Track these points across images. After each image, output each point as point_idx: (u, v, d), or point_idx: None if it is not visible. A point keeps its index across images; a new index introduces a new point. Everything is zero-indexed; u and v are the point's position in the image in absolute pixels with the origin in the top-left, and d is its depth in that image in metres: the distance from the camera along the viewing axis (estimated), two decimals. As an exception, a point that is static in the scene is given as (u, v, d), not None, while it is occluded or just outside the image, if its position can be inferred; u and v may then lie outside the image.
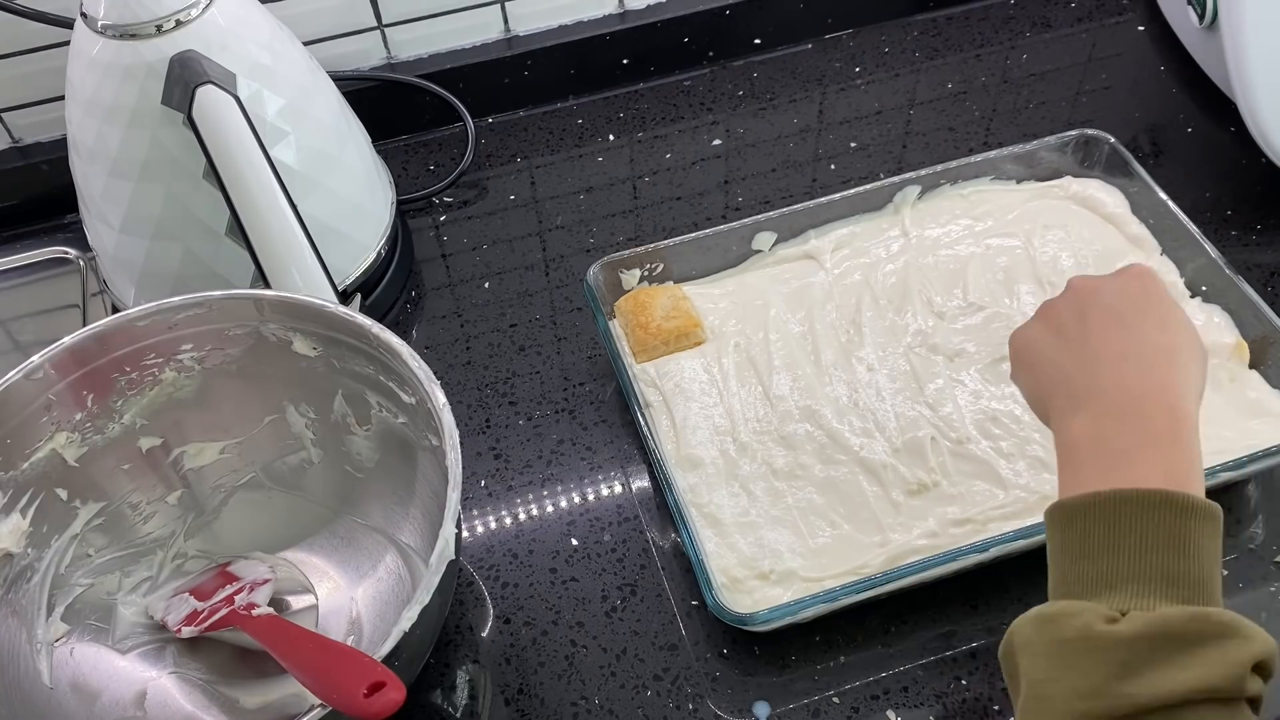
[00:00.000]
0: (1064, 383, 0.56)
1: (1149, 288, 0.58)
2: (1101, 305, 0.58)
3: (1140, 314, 0.57)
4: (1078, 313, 0.58)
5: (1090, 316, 0.57)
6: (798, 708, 0.65)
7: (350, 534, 0.72)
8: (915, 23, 1.05)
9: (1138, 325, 0.56)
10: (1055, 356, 0.57)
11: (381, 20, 0.94)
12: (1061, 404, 0.55)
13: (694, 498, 0.70)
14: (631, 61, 1.01)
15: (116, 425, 0.67)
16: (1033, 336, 0.60)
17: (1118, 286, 0.59)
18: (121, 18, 0.69)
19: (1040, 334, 0.60)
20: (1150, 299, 0.58)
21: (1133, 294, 0.58)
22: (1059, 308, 0.60)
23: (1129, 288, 0.59)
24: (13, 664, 0.63)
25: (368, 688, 0.50)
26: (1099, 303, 0.58)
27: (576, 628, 0.69)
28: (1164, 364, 0.54)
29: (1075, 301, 0.59)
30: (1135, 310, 0.57)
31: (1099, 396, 0.53)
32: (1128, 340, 0.55)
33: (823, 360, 0.76)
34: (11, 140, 0.93)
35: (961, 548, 0.65)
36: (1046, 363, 0.58)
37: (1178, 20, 0.98)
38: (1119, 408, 0.52)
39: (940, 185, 0.85)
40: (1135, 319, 0.56)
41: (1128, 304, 0.57)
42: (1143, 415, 0.52)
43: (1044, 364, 0.58)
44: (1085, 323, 0.57)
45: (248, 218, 0.70)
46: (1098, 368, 0.55)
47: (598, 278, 0.79)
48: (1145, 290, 0.58)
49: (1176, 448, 0.50)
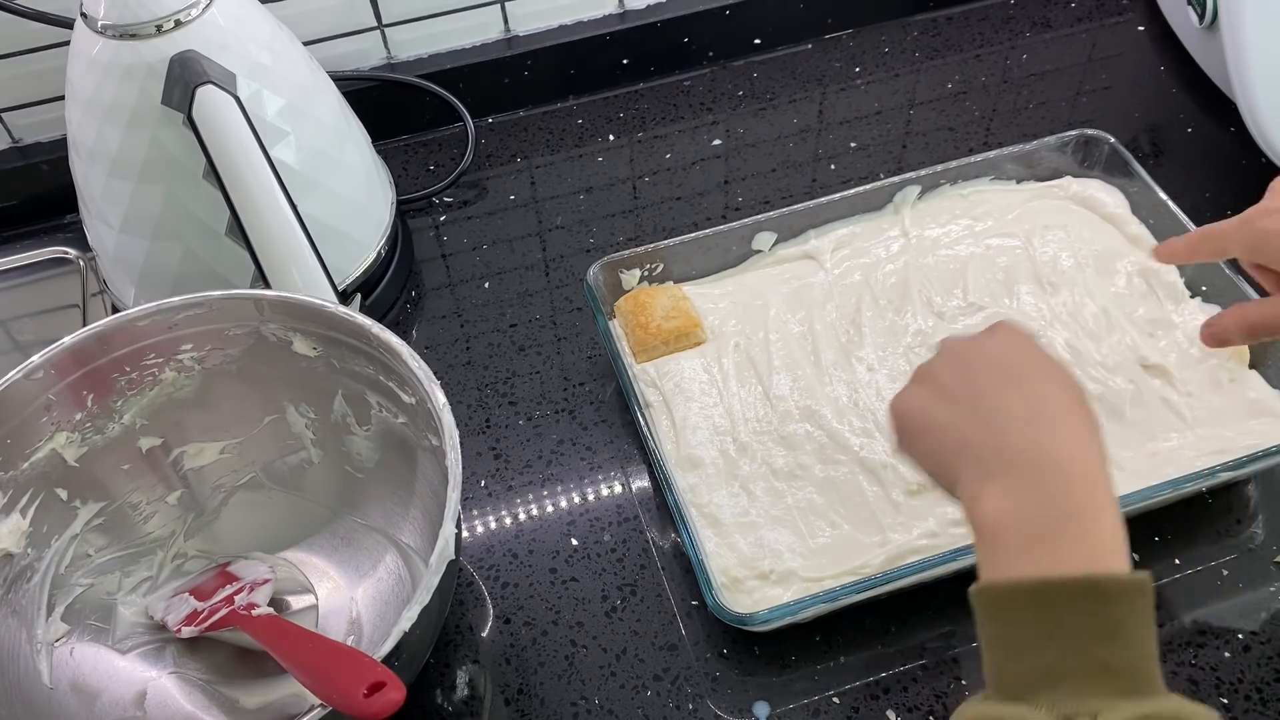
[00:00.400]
0: (967, 449, 0.51)
1: (1029, 345, 0.55)
2: (988, 363, 0.54)
3: (1033, 370, 0.53)
4: (962, 374, 0.54)
5: (977, 376, 0.53)
6: (798, 708, 0.65)
7: (350, 534, 0.72)
8: (915, 23, 1.05)
9: (1034, 382, 0.52)
10: (951, 421, 0.53)
11: (381, 20, 0.95)
12: (968, 473, 0.51)
13: (694, 498, 0.70)
14: (631, 61, 1.01)
15: (116, 425, 0.67)
16: (917, 403, 0.55)
17: (1000, 344, 0.55)
18: (121, 18, 0.69)
19: (925, 399, 0.55)
20: (1028, 352, 0.54)
21: (1018, 350, 0.54)
22: (938, 370, 0.56)
23: (1011, 345, 0.55)
24: (13, 664, 0.63)
25: (367, 688, 0.50)
26: (984, 361, 0.54)
27: (576, 628, 0.69)
28: (1072, 424, 0.50)
29: (956, 362, 0.55)
30: (1027, 367, 0.53)
31: (1010, 463, 0.49)
32: (1027, 400, 0.51)
33: (823, 360, 0.76)
34: (11, 140, 0.93)
35: (961, 548, 0.65)
36: (942, 429, 0.53)
37: (1178, 20, 0.98)
38: (1034, 478, 0.49)
39: (940, 185, 0.85)
40: (1030, 376, 0.52)
41: (1017, 360, 0.54)
42: (1060, 485, 0.48)
43: (938, 430, 0.53)
44: (973, 383, 0.53)
45: (248, 218, 0.70)
46: (1004, 430, 0.50)
47: (598, 278, 0.79)
48: (1021, 344, 0.55)
49: (1099, 519, 0.48)
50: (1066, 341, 0.75)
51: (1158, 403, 0.72)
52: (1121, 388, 0.72)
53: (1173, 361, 0.74)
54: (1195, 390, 0.73)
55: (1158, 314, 0.77)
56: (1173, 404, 0.72)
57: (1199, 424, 0.71)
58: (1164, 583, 0.68)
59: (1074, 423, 0.50)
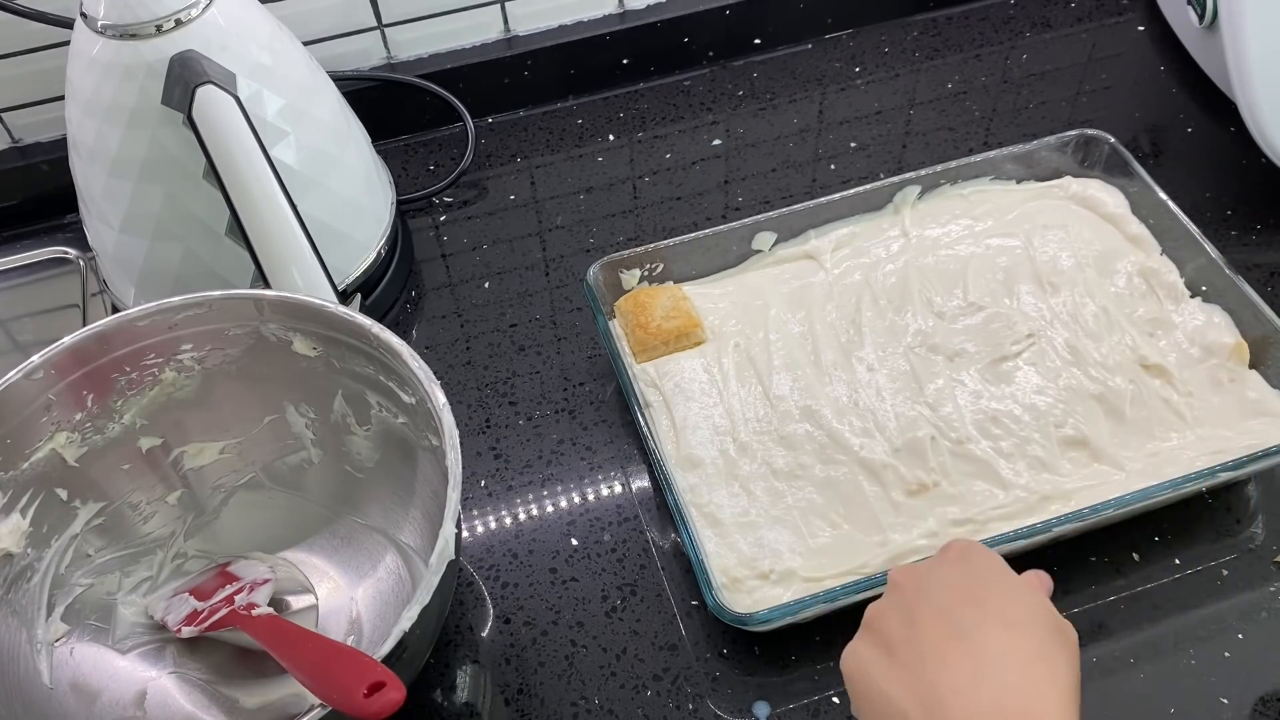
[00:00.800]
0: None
1: (978, 569, 0.50)
2: (931, 608, 0.49)
3: (978, 614, 0.48)
4: (906, 627, 0.49)
5: (922, 631, 0.48)
6: (798, 708, 0.65)
7: (350, 534, 0.72)
8: (915, 23, 1.05)
9: (978, 632, 0.47)
10: (888, 688, 0.47)
11: (381, 20, 0.95)
12: None
13: (694, 498, 0.70)
14: (631, 61, 1.01)
15: (116, 425, 0.67)
16: (861, 657, 0.50)
17: (942, 578, 0.50)
18: (121, 18, 0.69)
19: (869, 654, 0.50)
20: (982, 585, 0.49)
21: (962, 586, 0.50)
22: (885, 614, 0.51)
23: (954, 579, 0.50)
24: (13, 664, 0.63)
25: (367, 688, 0.50)
26: (927, 605, 0.49)
27: (576, 628, 0.69)
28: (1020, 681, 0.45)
29: (900, 605, 0.50)
30: (971, 609, 0.48)
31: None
32: (969, 657, 0.46)
33: (823, 360, 0.76)
34: (11, 140, 0.93)
35: (961, 548, 0.65)
36: (884, 697, 0.47)
37: (1178, 20, 0.98)
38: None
39: (940, 185, 0.85)
40: (974, 623, 0.47)
41: (959, 601, 0.49)
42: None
43: (881, 699, 0.48)
44: (917, 641, 0.48)
45: (248, 218, 0.70)
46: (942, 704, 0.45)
47: (598, 278, 0.79)
48: (975, 576, 0.50)
49: None
50: (1066, 341, 0.75)
51: (1158, 403, 0.72)
52: (1121, 388, 0.72)
53: (1173, 361, 0.74)
54: (1195, 390, 0.73)
55: (1158, 314, 0.77)
56: (1173, 404, 0.72)
57: (1199, 424, 0.71)
58: (1164, 583, 0.68)
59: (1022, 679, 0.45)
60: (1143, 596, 0.67)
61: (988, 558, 0.52)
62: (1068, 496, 0.68)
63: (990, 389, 0.74)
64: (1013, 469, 0.70)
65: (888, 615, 0.51)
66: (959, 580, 0.50)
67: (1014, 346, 0.75)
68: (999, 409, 0.73)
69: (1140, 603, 0.67)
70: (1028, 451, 0.70)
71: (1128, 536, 0.69)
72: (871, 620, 0.52)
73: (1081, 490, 0.68)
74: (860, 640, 0.52)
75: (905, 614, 0.50)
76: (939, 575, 0.51)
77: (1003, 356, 0.75)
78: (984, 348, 0.76)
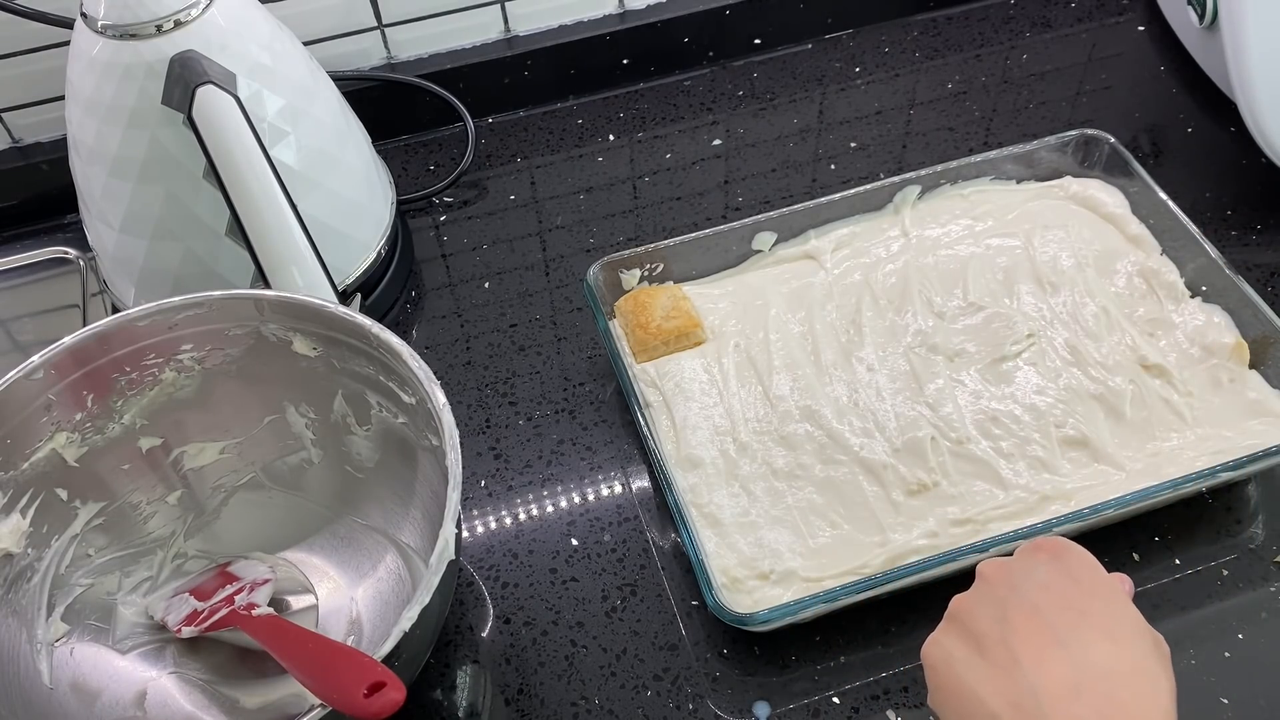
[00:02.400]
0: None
1: (1075, 572, 0.48)
2: (1025, 609, 0.47)
3: (1077, 620, 0.46)
4: (998, 624, 0.47)
5: (1015, 630, 0.46)
6: (798, 708, 0.65)
7: (350, 534, 0.72)
8: (915, 23, 1.05)
9: (1077, 640, 0.45)
10: (978, 689, 0.46)
11: (381, 20, 0.95)
12: None
13: (694, 498, 0.70)
14: (631, 61, 1.01)
15: (116, 425, 0.67)
16: (948, 653, 0.48)
17: (1037, 578, 0.48)
18: (121, 18, 0.69)
19: (957, 649, 0.48)
20: (1081, 590, 0.47)
21: (1058, 588, 0.48)
22: (974, 609, 0.49)
23: (1050, 579, 0.48)
24: (13, 664, 0.63)
25: (368, 688, 0.50)
26: (1021, 604, 0.47)
27: (576, 628, 0.69)
28: (1126, 695, 0.44)
29: (992, 601, 0.48)
30: (1070, 615, 0.46)
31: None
32: (1070, 665, 0.44)
33: (823, 360, 0.76)
34: (11, 140, 0.93)
35: (961, 548, 0.65)
36: (974, 696, 0.46)
37: (1178, 20, 0.98)
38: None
39: (940, 185, 0.85)
40: (1071, 629, 0.46)
41: (1056, 605, 0.47)
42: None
43: (970, 697, 0.46)
44: (1010, 640, 0.46)
45: (248, 218, 0.70)
46: (1038, 709, 0.43)
47: (598, 278, 0.79)
48: (1073, 579, 0.48)
49: None
50: (1066, 341, 0.75)
51: (1158, 403, 0.72)
52: (1121, 388, 0.72)
53: (1173, 361, 0.74)
54: (1195, 390, 0.73)
55: (1158, 314, 0.77)
56: (1173, 404, 0.72)
57: (1199, 424, 0.71)
58: (1164, 583, 0.68)
59: (1134, 693, 0.44)
60: (1143, 596, 0.67)
61: (1081, 558, 0.49)
62: (1068, 496, 0.68)
63: (990, 389, 0.74)
64: (1013, 469, 0.70)
65: (977, 611, 0.49)
66: (1055, 581, 0.48)
67: (1014, 346, 0.75)
68: (999, 409, 0.73)
69: (1140, 603, 0.66)
70: (1028, 451, 0.70)
71: (1128, 536, 0.69)
72: (958, 613, 0.50)
73: (1081, 490, 0.68)
74: (946, 633, 0.50)
75: (998, 611, 0.48)
76: (1033, 574, 0.49)
77: (1003, 356, 0.75)
78: (984, 348, 0.76)
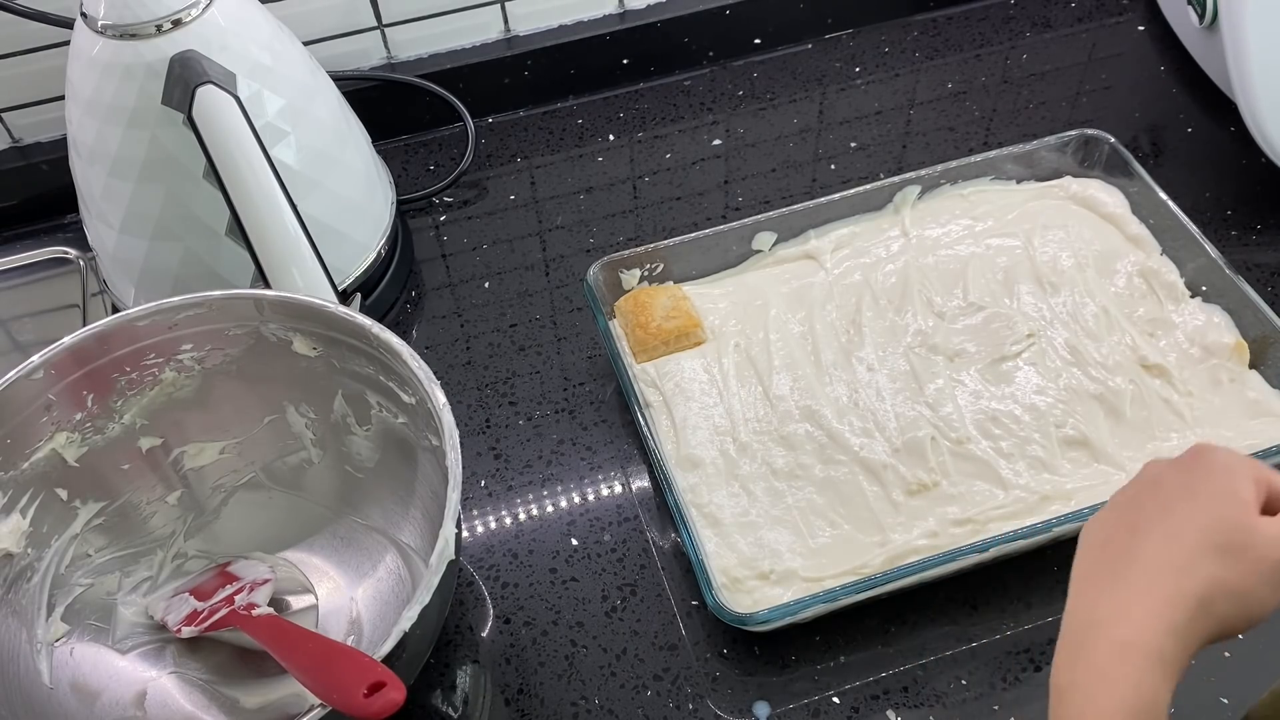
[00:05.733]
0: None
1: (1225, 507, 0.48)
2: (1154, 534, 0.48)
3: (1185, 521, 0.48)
4: (1127, 526, 0.49)
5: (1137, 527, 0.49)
6: (798, 708, 0.65)
7: (350, 534, 0.72)
8: (915, 23, 1.05)
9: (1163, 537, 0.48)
10: (1087, 587, 0.49)
11: (381, 20, 0.94)
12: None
13: (694, 498, 0.70)
14: (631, 61, 1.01)
15: (116, 425, 0.67)
16: (1091, 533, 0.51)
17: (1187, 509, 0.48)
18: (121, 18, 0.69)
19: (1099, 529, 0.51)
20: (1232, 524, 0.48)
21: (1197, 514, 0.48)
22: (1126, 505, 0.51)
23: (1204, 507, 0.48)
24: (13, 664, 0.63)
25: (368, 688, 0.50)
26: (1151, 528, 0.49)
27: (576, 628, 0.69)
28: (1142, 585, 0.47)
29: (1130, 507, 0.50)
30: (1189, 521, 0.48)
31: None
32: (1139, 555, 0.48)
33: (823, 360, 0.76)
34: (11, 140, 0.93)
35: (961, 548, 0.65)
36: (1075, 593, 0.50)
37: (1178, 20, 0.98)
38: (1066, 635, 0.47)
39: (940, 185, 0.85)
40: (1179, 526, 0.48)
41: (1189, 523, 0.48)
42: (1081, 647, 0.46)
43: (1074, 593, 0.50)
44: (1130, 541, 0.49)
45: (248, 218, 0.70)
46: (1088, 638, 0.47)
47: (598, 278, 0.79)
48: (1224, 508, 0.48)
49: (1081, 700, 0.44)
50: (1066, 341, 0.75)
51: (1158, 403, 0.72)
52: (1121, 388, 0.72)
53: (1173, 361, 0.74)
54: (1195, 390, 0.73)
55: (1158, 314, 0.77)
56: (1173, 404, 0.72)
57: (1199, 424, 0.71)
58: (1164, 583, 0.68)
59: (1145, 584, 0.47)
60: (1143, 596, 0.67)
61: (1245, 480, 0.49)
62: (1068, 496, 0.68)
63: (990, 389, 0.74)
64: (1013, 469, 0.70)
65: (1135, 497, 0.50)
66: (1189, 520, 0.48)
67: (1014, 346, 0.75)
68: (999, 409, 0.73)
69: (1140, 603, 0.67)
70: (1028, 451, 0.70)
71: (1128, 536, 0.69)
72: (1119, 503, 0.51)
73: (1081, 490, 0.68)
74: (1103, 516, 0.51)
75: (1129, 512, 0.50)
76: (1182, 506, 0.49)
77: (1003, 356, 0.75)
78: (984, 348, 0.76)
